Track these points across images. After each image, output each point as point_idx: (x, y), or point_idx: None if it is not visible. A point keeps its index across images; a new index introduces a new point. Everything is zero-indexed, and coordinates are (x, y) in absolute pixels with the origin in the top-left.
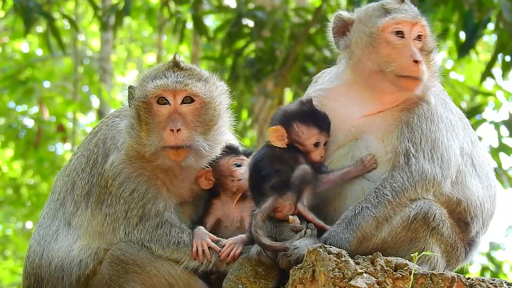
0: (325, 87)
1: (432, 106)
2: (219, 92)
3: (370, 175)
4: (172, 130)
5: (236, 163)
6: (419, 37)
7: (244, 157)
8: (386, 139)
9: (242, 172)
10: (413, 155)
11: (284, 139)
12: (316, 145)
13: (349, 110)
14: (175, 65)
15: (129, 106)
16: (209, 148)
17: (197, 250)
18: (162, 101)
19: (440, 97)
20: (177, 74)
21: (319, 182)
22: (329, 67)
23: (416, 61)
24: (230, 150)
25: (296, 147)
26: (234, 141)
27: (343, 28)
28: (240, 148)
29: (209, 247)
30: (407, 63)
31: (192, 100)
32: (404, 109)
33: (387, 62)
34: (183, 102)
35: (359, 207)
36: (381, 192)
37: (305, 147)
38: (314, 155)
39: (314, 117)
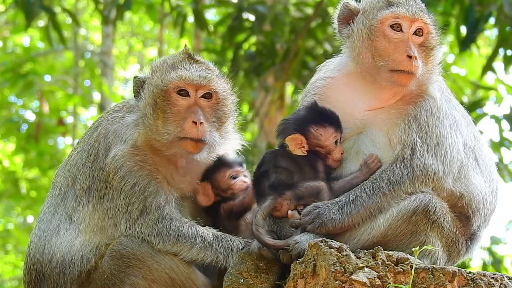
0: (328, 75)
1: (437, 102)
2: (230, 90)
3: None
4: (195, 123)
5: (232, 176)
6: (419, 32)
7: (239, 168)
8: (392, 132)
9: (240, 183)
10: (419, 150)
11: (303, 146)
12: (336, 143)
13: (352, 103)
14: (190, 57)
15: (136, 97)
16: (221, 144)
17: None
18: (182, 92)
19: (445, 93)
20: (195, 67)
21: (332, 192)
22: (334, 57)
23: (409, 56)
24: (223, 163)
25: (316, 151)
26: (238, 139)
27: (348, 17)
28: (232, 160)
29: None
30: (401, 57)
31: (210, 96)
32: (411, 103)
33: (381, 56)
34: (202, 97)
35: (354, 194)
36: (378, 183)
37: (325, 148)
38: (335, 154)
39: (327, 117)
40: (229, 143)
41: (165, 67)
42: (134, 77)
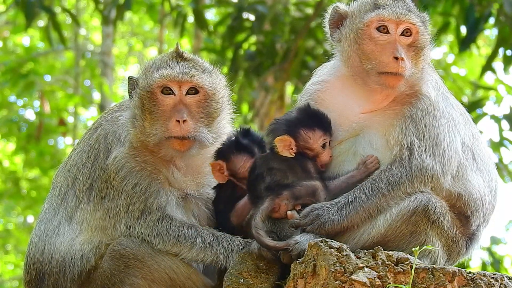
0: (322, 79)
1: (433, 101)
2: (222, 84)
3: None
4: (178, 121)
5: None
6: (407, 33)
7: None
8: (389, 133)
9: None
10: (417, 150)
11: (292, 148)
12: (324, 146)
13: (347, 106)
14: (178, 56)
15: (130, 97)
16: (212, 140)
17: None
18: (166, 91)
19: (441, 92)
20: (181, 65)
21: (328, 191)
22: (329, 61)
23: (396, 58)
24: (245, 150)
25: (305, 153)
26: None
27: (339, 20)
28: (254, 149)
29: None
30: (387, 59)
31: (197, 91)
32: (406, 103)
33: (369, 59)
34: (187, 93)
35: (353, 195)
36: (377, 184)
37: (313, 151)
38: (323, 157)
39: (317, 120)
40: (224, 137)
41: (151, 68)
42: (128, 78)
